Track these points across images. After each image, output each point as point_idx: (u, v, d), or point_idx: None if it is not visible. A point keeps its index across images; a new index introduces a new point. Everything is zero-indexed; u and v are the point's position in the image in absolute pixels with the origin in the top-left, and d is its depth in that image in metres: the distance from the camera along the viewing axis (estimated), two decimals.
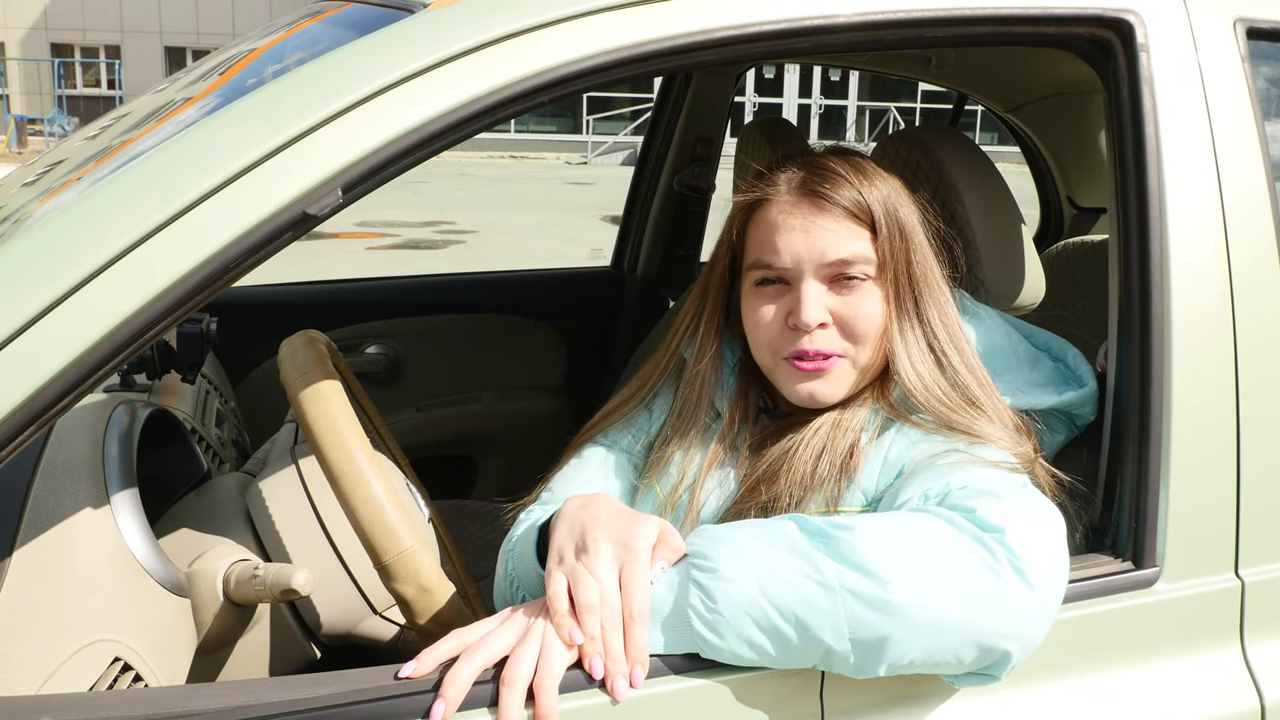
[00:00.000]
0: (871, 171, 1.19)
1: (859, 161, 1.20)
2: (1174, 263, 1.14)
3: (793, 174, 1.19)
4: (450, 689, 0.89)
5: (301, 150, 0.90)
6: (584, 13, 0.99)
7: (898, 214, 1.17)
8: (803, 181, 1.18)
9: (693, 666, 0.96)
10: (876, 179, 1.19)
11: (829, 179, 1.17)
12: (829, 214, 1.15)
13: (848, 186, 1.16)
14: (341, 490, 1.12)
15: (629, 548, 0.96)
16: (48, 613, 1.03)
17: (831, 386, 1.17)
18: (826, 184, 1.16)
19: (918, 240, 1.18)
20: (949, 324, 1.19)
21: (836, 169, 1.18)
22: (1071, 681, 1.09)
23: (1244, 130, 1.19)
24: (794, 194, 1.17)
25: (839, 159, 1.20)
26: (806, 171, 1.19)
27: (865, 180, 1.17)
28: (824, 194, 1.16)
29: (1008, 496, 0.99)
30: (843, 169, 1.18)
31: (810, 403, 1.17)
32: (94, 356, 0.85)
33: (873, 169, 1.20)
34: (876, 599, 0.90)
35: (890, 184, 1.20)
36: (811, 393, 1.17)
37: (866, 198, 1.16)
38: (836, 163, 1.19)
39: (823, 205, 1.16)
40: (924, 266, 1.18)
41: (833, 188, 1.16)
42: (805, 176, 1.18)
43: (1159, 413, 1.13)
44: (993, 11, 1.11)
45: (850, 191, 1.16)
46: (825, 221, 1.15)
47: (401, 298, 2.77)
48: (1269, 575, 1.17)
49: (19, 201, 1.15)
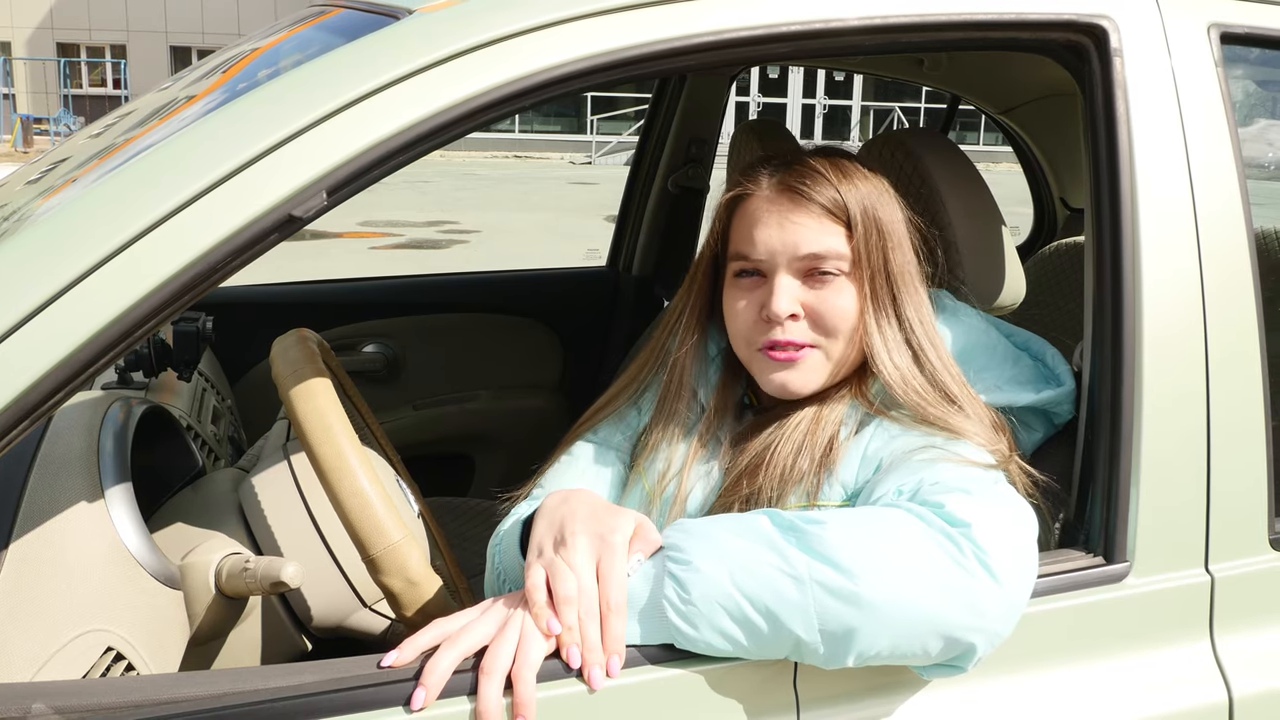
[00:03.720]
0: (853, 171, 1.22)
1: (842, 161, 1.23)
2: (1146, 264, 1.16)
3: (774, 170, 1.23)
4: (430, 677, 0.92)
5: (287, 153, 0.93)
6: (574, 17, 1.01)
7: (876, 213, 1.20)
8: (783, 178, 1.21)
9: (669, 657, 0.98)
10: (857, 178, 1.21)
11: (808, 176, 1.20)
12: (805, 210, 1.18)
13: (825, 184, 1.19)
14: (329, 484, 1.14)
15: (606, 541, 0.98)
16: (42, 603, 1.06)
17: (804, 377, 1.19)
18: (805, 180, 1.19)
19: (896, 239, 1.21)
20: (925, 323, 1.21)
21: (817, 167, 1.21)
22: (1042, 674, 1.11)
23: (1217, 134, 1.21)
24: (774, 189, 1.21)
25: (821, 158, 1.23)
26: (788, 168, 1.22)
27: (844, 179, 1.20)
28: (801, 190, 1.19)
29: (978, 493, 1.02)
30: (823, 167, 1.21)
31: (783, 393, 1.20)
32: (85, 354, 0.87)
33: (855, 169, 1.23)
34: (845, 592, 0.93)
35: (873, 184, 1.22)
36: (784, 383, 1.19)
37: (843, 195, 1.19)
38: (818, 161, 1.22)
39: (799, 201, 1.19)
40: (902, 266, 1.21)
41: (810, 184, 1.19)
42: (786, 173, 1.21)
43: (1130, 410, 1.15)
44: (967, 17, 1.14)
45: (828, 189, 1.19)
46: (800, 216, 1.18)
47: (399, 297, 2.80)
48: (1238, 570, 1.19)
49: (22, 199, 1.18)
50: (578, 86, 1.03)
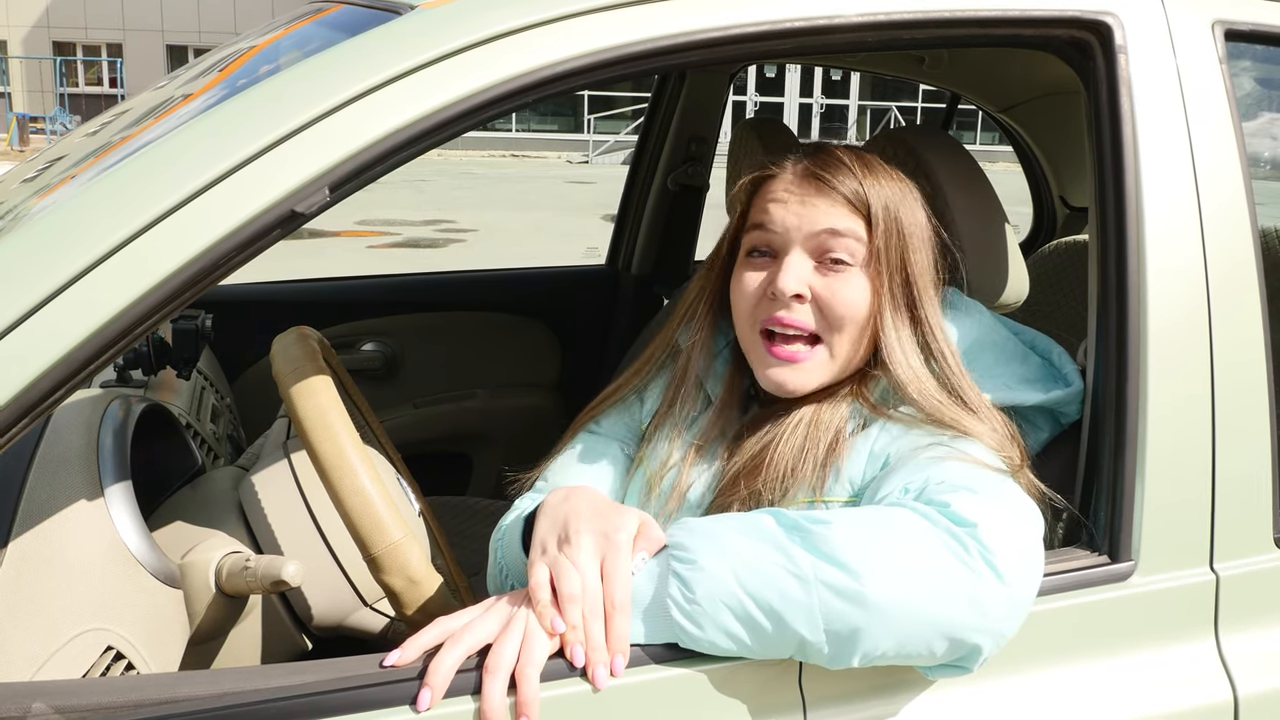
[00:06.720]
0: (879, 170, 1.21)
1: (869, 159, 1.22)
2: (1151, 262, 1.15)
3: (800, 157, 1.22)
4: (434, 676, 0.91)
5: (289, 149, 0.92)
6: (576, 12, 1.01)
7: (898, 212, 1.19)
8: (808, 165, 1.21)
9: (673, 656, 0.97)
10: (883, 177, 1.20)
11: (834, 166, 1.19)
12: (826, 196, 1.18)
13: (850, 176, 1.18)
14: (330, 483, 1.14)
15: (610, 539, 0.98)
16: (42, 602, 1.05)
17: (803, 376, 1.18)
18: (829, 170, 1.19)
19: (916, 243, 1.19)
20: (941, 328, 1.20)
21: (843, 159, 1.20)
22: (1047, 673, 1.11)
23: (1221, 131, 1.21)
24: (798, 174, 1.20)
25: (849, 152, 1.22)
26: (814, 157, 1.22)
27: (870, 175, 1.19)
28: (825, 178, 1.18)
29: (984, 492, 1.01)
30: (849, 160, 1.20)
31: (779, 390, 1.19)
32: (84, 352, 0.87)
33: (880, 167, 1.21)
34: (850, 591, 0.92)
35: (898, 185, 1.21)
36: (781, 381, 1.18)
37: (866, 190, 1.18)
38: (845, 155, 1.21)
39: (822, 188, 1.18)
40: (920, 270, 1.19)
41: (834, 174, 1.18)
42: (812, 160, 1.21)
43: (1135, 408, 1.14)
44: (971, 13, 1.13)
45: (852, 181, 1.18)
46: (820, 201, 1.18)
47: (398, 295, 2.79)
48: (1243, 569, 1.18)
49: (18, 197, 1.17)
50: (580, 82, 1.02)
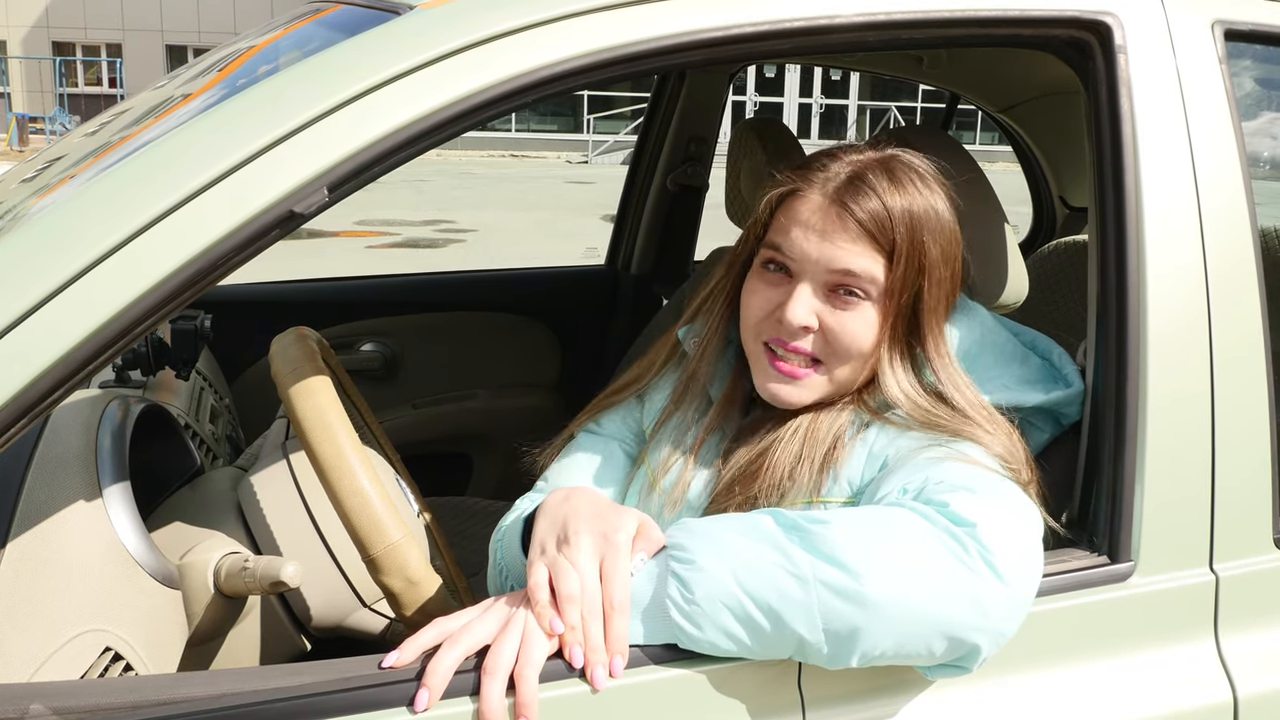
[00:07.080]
0: (912, 190, 1.14)
1: (904, 178, 1.15)
2: (1150, 262, 1.15)
3: (835, 175, 1.16)
4: (433, 677, 0.91)
5: (287, 149, 0.92)
6: (576, 12, 1.00)
7: (923, 242, 1.14)
8: (838, 190, 1.14)
9: (672, 657, 0.97)
10: (915, 199, 1.14)
11: (863, 194, 1.13)
12: (849, 231, 1.13)
13: (878, 206, 1.13)
14: (329, 483, 1.14)
15: (609, 540, 0.98)
16: (40, 603, 1.05)
17: (800, 393, 1.17)
18: (859, 201, 1.13)
19: (937, 276, 1.15)
20: (942, 357, 1.18)
21: (875, 186, 1.13)
22: (1047, 673, 1.11)
23: (1221, 131, 1.21)
24: (826, 199, 1.15)
25: (884, 175, 1.15)
26: (847, 178, 1.15)
27: (901, 197, 1.13)
28: (852, 211, 1.13)
29: (983, 492, 1.01)
30: (882, 186, 1.13)
31: (775, 402, 1.18)
32: (83, 352, 0.87)
33: (915, 188, 1.15)
34: (849, 591, 0.92)
35: (929, 203, 1.15)
36: (776, 394, 1.18)
37: (894, 222, 1.12)
38: (879, 181, 1.14)
39: (847, 224, 1.13)
40: (934, 302, 1.16)
41: (862, 206, 1.12)
42: (842, 186, 1.14)
43: (1135, 408, 1.14)
44: (971, 13, 1.13)
45: (879, 212, 1.12)
46: (842, 238, 1.13)
47: (397, 295, 2.79)
48: (1243, 570, 1.18)
49: (17, 197, 1.17)
50: (579, 82, 1.02)
